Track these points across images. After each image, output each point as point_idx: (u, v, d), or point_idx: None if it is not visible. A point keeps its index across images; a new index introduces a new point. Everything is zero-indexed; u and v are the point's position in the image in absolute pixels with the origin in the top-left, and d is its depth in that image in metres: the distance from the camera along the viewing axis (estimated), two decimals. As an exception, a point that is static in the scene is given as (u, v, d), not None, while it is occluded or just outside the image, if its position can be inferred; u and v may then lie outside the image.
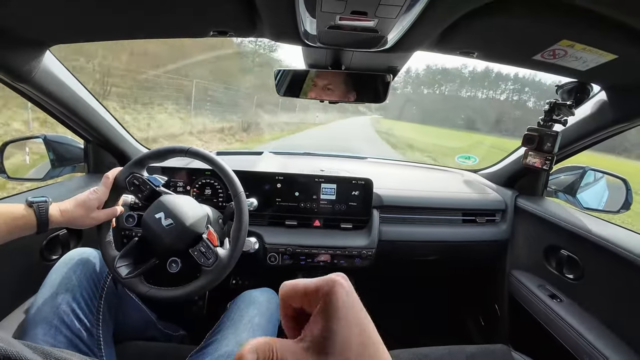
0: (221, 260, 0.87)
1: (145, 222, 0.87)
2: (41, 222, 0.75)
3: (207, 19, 0.77)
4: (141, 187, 0.90)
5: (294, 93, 1.06)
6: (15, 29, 0.77)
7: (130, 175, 0.89)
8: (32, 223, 0.74)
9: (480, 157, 1.83)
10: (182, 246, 0.87)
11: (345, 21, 0.65)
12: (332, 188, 1.29)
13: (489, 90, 63.24)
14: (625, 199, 1.18)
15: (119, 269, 0.84)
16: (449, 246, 1.40)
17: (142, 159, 0.92)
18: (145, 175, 0.92)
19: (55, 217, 0.78)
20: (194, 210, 0.92)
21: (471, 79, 66.11)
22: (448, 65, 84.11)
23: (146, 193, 0.90)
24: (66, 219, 0.80)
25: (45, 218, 0.75)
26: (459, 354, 0.99)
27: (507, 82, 59.05)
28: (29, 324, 0.75)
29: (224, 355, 0.78)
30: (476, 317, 1.73)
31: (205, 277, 0.86)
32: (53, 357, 0.39)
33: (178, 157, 0.95)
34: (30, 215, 0.74)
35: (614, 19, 0.60)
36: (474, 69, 62.56)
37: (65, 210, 0.80)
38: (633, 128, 1.03)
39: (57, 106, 1.04)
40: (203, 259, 0.86)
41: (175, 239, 0.86)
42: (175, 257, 0.89)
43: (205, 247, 0.87)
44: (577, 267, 1.14)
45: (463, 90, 64.66)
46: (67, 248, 1.11)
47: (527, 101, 57.72)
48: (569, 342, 1.05)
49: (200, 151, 0.94)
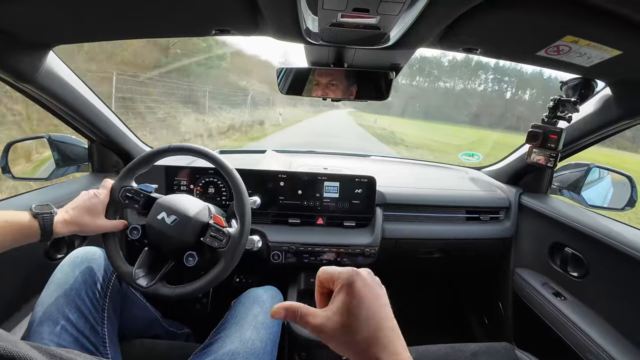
0: (234, 237, 0.89)
1: (150, 227, 0.88)
2: (45, 232, 0.75)
3: (210, 18, 0.77)
4: (135, 197, 0.90)
5: (297, 91, 1.06)
6: (19, 30, 0.77)
7: (121, 189, 0.90)
8: (37, 232, 0.74)
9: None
10: (192, 238, 0.88)
11: (347, 18, 0.65)
12: (335, 186, 1.29)
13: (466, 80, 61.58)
14: (630, 196, 1.17)
15: (138, 281, 0.84)
16: (452, 244, 1.39)
17: (129, 170, 0.92)
18: (136, 185, 0.93)
19: (60, 228, 0.78)
20: (194, 203, 0.93)
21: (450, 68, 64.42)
22: (427, 54, 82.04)
23: (142, 202, 0.91)
24: (71, 229, 0.81)
25: (50, 229, 0.76)
26: (463, 352, 0.99)
27: (487, 71, 57.64)
28: (34, 322, 0.76)
29: (229, 353, 0.78)
30: (480, 315, 1.72)
31: (224, 259, 0.88)
32: (59, 358, 0.39)
33: (163, 157, 0.95)
34: (35, 225, 0.74)
35: (619, 14, 0.59)
36: (453, 58, 60.78)
37: (72, 220, 0.80)
38: (639, 124, 1.02)
39: (60, 106, 1.05)
40: (216, 242, 0.88)
41: (184, 232, 0.87)
42: (189, 250, 0.89)
43: (215, 231, 0.89)
44: (581, 265, 1.13)
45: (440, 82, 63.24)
46: (71, 247, 1.12)
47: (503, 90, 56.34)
48: (572, 340, 1.04)
49: (181, 145, 0.95)
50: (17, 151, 1.18)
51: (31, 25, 0.77)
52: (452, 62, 61.37)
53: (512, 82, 52.14)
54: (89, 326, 0.81)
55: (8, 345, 0.33)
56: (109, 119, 1.23)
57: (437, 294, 1.90)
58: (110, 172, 1.35)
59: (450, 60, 64.10)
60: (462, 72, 57.11)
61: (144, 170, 0.95)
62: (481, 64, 58.24)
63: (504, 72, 50.76)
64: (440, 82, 58.93)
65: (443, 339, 1.06)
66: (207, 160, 0.96)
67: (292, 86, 1.05)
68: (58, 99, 1.02)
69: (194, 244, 0.89)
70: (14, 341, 0.35)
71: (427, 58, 60.45)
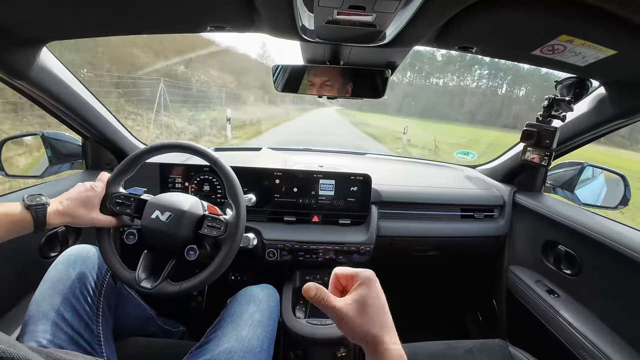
0: (231, 223, 0.89)
1: (146, 228, 0.87)
2: (38, 224, 0.74)
3: (205, 14, 0.76)
4: (125, 202, 0.89)
5: (293, 89, 1.06)
6: (12, 26, 0.76)
7: (110, 197, 0.88)
8: (30, 224, 0.73)
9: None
10: (190, 232, 0.88)
11: (343, 16, 0.65)
12: (330, 184, 1.29)
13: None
14: (624, 194, 1.18)
15: (142, 283, 0.84)
16: (447, 242, 1.40)
17: (114, 177, 0.91)
18: (124, 191, 0.91)
19: (53, 219, 0.76)
20: (185, 198, 0.92)
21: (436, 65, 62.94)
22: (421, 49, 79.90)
23: (133, 205, 0.89)
24: (64, 221, 0.79)
25: (43, 220, 0.74)
26: (457, 349, 1.00)
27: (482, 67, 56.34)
28: (29, 320, 0.76)
29: (225, 351, 0.78)
30: (474, 312, 1.74)
31: (225, 246, 0.87)
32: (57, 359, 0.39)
33: (146, 159, 0.94)
34: (28, 217, 0.73)
35: (614, 14, 0.59)
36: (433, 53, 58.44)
37: (65, 211, 0.79)
38: (633, 124, 1.03)
39: (54, 103, 1.04)
40: (215, 231, 0.88)
41: (181, 227, 0.86)
42: (189, 245, 0.89)
43: (211, 221, 0.89)
44: (574, 263, 1.14)
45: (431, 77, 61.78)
46: (65, 245, 1.11)
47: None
48: (565, 337, 1.05)
49: (163, 143, 0.94)
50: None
51: (25, 21, 0.76)
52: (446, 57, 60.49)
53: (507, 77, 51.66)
54: (83, 324, 0.80)
55: (9, 347, 0.32)
56: (102, 116, 1.22)
57: (431, 291, 1.91)
58: (104, 169, 1.34)
59: (444, 54, 63.21)
60: (454, 68, 56.26)
61: (130, 174, 0.93)
62: (476, 59, 57.32)
63: (499, 67, 50.37)
64: (433, 78, 58.20)
65: (437, 336, 1.07)
66: (184, 151, 0.94)
67: (288, 83, 1.05)
68: (52, 96, 1.01)
69: (193, 238, 0.88)
70: (13, 343, 0.34)
71: (420, 52, 59.24)
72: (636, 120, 0.99)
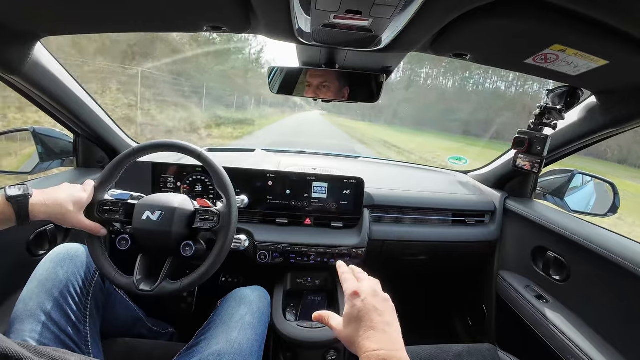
0: (224, 213, 0.89)
1: (138, 230, 0.86)
2: (21, 216, 0.72)
3: (202, 14, 0.76)
4: (113, 208, 0.88)
5: (288, 91, 1.06)
6: (6, 20, 0.75)
7: (98, 206, 0.87)
8: (12, 217, 0.71)
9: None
10: (183, 227, 0.88)
11: (340, 20, 0.65)
12: (323, 187, 1.29)
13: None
14: (613, 202, 1.20)
15: (141, 286, 0.83)
16: (438, 246, 1.41)
17: (99, 184, 0.89)
18: (110, 198, 0.90)
19: (37, 212, 0.74)
20: (174, 196, 0.92)
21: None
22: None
23: (122, 210, 0.88)
24: (51, 212, 0.77)
25: (25, 213, 0.72)
26: (447, 353, 1.00)
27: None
28: (16, 319, 0.74)
29: (215, 353, 0.78)
30: (464, 316, 1.75)
31: (220, 237, 0.88)
32: (48, 356, 0.39)
33: (129, 163, 0.93)
34: (10, 210, 0.71)
35: (607, 25, 0.60)
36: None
37: (53, 202, 0.77)
38: (622, 133, 1.04)
39: (46, 98, 1.03)
40: (208, 223, 0.88)
41: (173, 224, 0.86)
42: (184, 241, 0.88)
43: (203, 214, 0.89)
44: (563, 269, 1.16)
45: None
46: (54, 243, 1.10)
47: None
48: (554, 342, 1.06)
49: (144, 144, 0.93)
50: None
51: (19, 15, 0.75)
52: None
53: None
54: (71, 324, 0.79)
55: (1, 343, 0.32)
56: (95, 114, 1.21)
57: (422, 295, 1.92)
58: (95, 167, 1.33)
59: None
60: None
61: (114, 180, 0.92)
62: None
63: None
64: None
65: (427, 340, 1.07)
66: (167, 150, 0.94)
67: (283, 86, 1.05)
68: (44, 92, 0.99)
69: (188, 233, 0.88)
70: (2, 338, 0.34)
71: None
72: (626, 129, 1.01)
